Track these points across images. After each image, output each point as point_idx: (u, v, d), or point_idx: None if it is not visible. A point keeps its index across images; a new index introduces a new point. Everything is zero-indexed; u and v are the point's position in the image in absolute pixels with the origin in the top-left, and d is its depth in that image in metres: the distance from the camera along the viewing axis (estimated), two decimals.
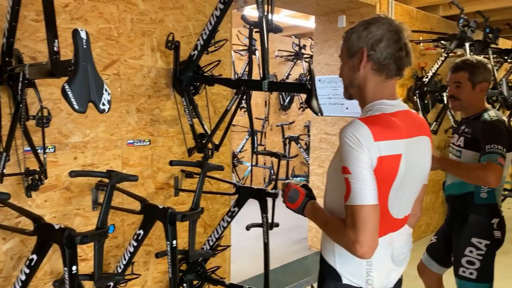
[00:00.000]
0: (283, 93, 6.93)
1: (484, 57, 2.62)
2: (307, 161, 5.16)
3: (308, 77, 1.89)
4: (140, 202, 1.89)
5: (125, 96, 2.21)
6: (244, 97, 2.13)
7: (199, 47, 2.21)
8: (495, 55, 4.82)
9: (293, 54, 6.68)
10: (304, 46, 6.60)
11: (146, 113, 2.30)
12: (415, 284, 3.57)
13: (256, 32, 2.23)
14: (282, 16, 5.27)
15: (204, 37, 2.19)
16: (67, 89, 1.13)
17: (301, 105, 7.10)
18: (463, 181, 2.05)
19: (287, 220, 5.24)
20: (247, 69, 6.10)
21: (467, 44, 3.86)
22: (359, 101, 1.36)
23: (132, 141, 2.26)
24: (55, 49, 1.31)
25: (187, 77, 2.27)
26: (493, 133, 1.96)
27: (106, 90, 1.20)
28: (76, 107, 1.13)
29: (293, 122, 6.50)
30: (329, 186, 1.40)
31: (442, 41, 3.99)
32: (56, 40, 1.32)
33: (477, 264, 2.06)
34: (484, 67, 2.10)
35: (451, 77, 2.19)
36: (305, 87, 1.92)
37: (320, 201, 1.46)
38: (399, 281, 1.43)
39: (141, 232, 1.89)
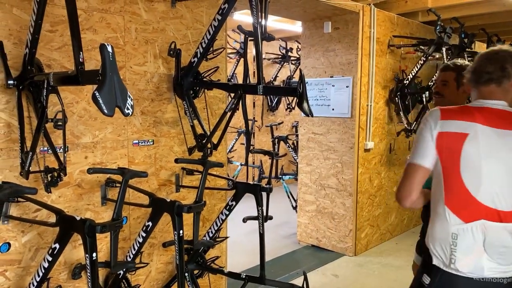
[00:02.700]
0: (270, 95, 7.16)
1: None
2: (295, 160, 5.39)
3: (299, 81, 2.09)
4: (148, 196, 2.07)
5: None
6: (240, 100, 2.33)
7: (198, 55, 2.40)
8: (470, 58, 5.13)
9: (280, 56, 6.91)
10: (291, 49, 6.83)
11: (149, 115, 2.49)
12: (398, 273, 3.82)
13: (250, 40, 2.44)
14: (269, 21, 5.48)
15: (204, 45, 2.38)
16: (97, 96, 1.31)
17: (288, 106, 7.34)
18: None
19: (276, 216, 5.45)
20: (236, 71, 6.31)
21: (444, 49, 4.14)
22: None
23: (137, 141, 2.43)
24: (81, 60, 1.49)
25: (188, 82, 2.46)
26: None
27: (129, 97, 1.39)
28: (106, 111, 1.31)
29: (281, 123, 6.73)
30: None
31: (420, 46, 4.26)
32: (81, 52, 1.50)
33: None
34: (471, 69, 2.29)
35: (440, 75, 2.31)
36: (297, 91, 2.13)
37: (308, 198, 1.74)
38: None
39: (150, 223, 2.07)
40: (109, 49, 1.36)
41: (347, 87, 4.11)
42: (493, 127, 1.48)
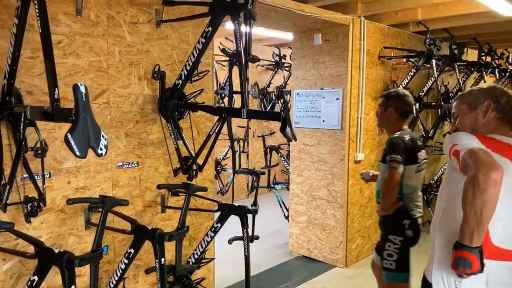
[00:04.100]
0: (264, 101, 7.16)
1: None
2: (287, 170, 5.39)
3: (282, 106, 2.09)
4: (130, 223, 2.07)
5: (114, 123, 2.38)
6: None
7: (183, 77, 2.40)
8: (462, 67, 5.14)
9: (273, 63, 6.90)
10: (284, 56, 6.83)
11: (134, 137, 2.48)
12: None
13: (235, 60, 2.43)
14: (261, 29, 5.47)
15: (188, 67, 2.38)
16: (69, 138, 1.31)
17: None
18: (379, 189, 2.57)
19: (268, 225, 5.49)
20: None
21: (433, 61, 4.14)
22: None
23: (121, 164, 2.43)
24: (56, 96, 1.48)
25: (173, 104, 2.45)
26: (391, 146, 2.47)
27: (103, 136, 1.39)
28: (78, 153, 1.31)
29: (274, 133, 6.74)
30: (444, 203, 1.58)
31: (410, 59, 4.26)
32: (56, 89, 1.49)
33: (394, 257, 2.51)
34: (397, 97, 2.62)
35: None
36: (280, 116, 2.12)
37: (299, 209, 1.68)
38: None
39: (132, 250, 2.07)
40: (82, 89, 1.36)
41: (337, 99, 4.11)
42: None
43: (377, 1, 3.87)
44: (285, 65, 6.89)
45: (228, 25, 4.56)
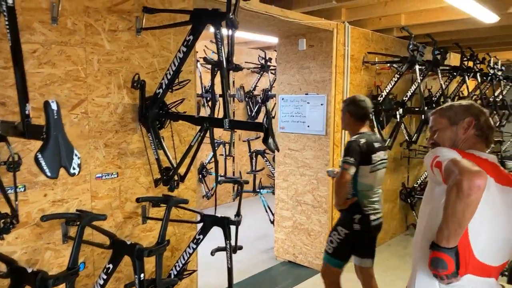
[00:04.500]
0: (250, 104, 7.13)
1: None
2: (273, 174, 5.37)
3: (265, 116, 2.06)
4: (109, 238, 2.02)
5: (93, 133, 2.32)
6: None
7: (164, 86, 2.35)
8: (445, 72, 5.20)
9: (259, 66, 6.87)
10: (270, 59, 6.80)
11: (113, 148, 2.42)
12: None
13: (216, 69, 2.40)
14: (246, 32, 5.44)
15: (169, 76, 2.33)
16: (39, 158, 1.25)
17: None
18: None
19: (254, 229, 5.47)
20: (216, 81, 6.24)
21: (417, 66, 4.17)
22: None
23: (100, 175, 2.37)
24: (27, 112, 1.43)
25: (153, 114, 2.40)
26: (346, 149, 2.73)
27: (76, 155, 1.34)
28: (49, 174, 1.26)
29: (259, 137, 6.70)
30: (426, 215, 1.57)
31: (394, 65, 4.28)
32: (27, 104, 1.44)
33: (334, 244, 2.83)
34: (353, 102, 2.85)
35: None
36: (263, 126, 2.10)
37: (284, 214, 1.64)
38: None
39: (111, 266, 2.02)
40: (54, 106, 1.31)
41: (321, 104, 4.10)
42: (497, 183, 1.47)
43: (361, 7, 3.87)
44: (271, 68, 6.87)
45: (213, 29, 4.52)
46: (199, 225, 2.53)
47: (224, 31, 2.16)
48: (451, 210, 1.31)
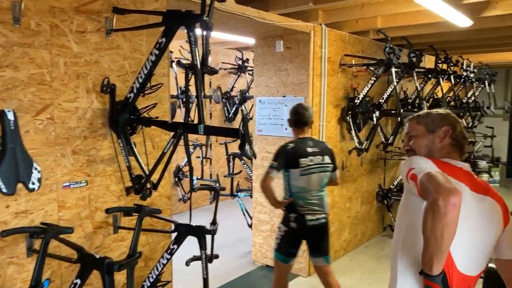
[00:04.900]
0: (227, 105, 7.05)
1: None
2: (250, 177, 5.31)
3: (241, 122, 2.00)
4: (76, 251, 1.91)
5: (60, 140, 2.20)
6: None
7: (135, 90, 2.25)
8: (420, 74, 5.25)
9: (236, 67, 6.80)
10: (247, 59, 6.74)
11: (82, 155, 2.31)
12: None
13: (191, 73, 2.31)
14: (223, 33, 5.36)
15: (140, 80, 2.23)
16: None
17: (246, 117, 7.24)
18: None
19: (231, 233, 5.39)
20: (190, 83, 6.13)
21: (393, 69, 4.19)
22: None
23: (68, 184, 2.25)
24: None
25: (124, 119, 2.30)
26: (274, 154, 2.96)
27: (35, 169, 1.24)
28: (5, 190, 1.16)
29: (235, 140, 6.62)
30: (404, 229, 1.53)
31: (370, 67, 4.29)
32: None
33: (278, 240, 3.04)
34: (294, 112, 3.03)
35: None
36: (239, 133, 2.03)
37: (262, 218, 1.56)
38: None
39: (78, 281, 1.91)
40: (10, 116, 1.21)
41: None
42: (473, 191, 1.46)
43: (338, 9, 3.86)
44: (248, 69, 6.81)
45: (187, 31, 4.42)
46: (174, 234, 2.44)
47: (200, 32, 2.08)
48: (430, 233, 1.27)
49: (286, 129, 4.18)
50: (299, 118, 3.00)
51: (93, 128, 2.35)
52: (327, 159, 3.02)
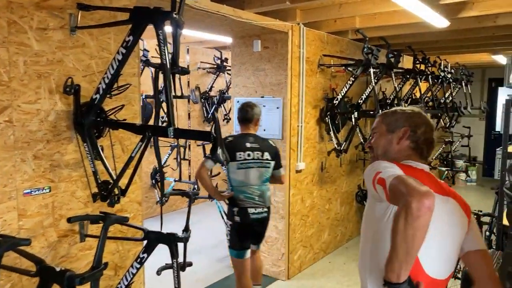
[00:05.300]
0: (206, 105, 6.93)
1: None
2: None
3: (213, 125, 1.90)
4: (35, 264, 1.78)
5: (19, 144, 2.06)
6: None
7: (101, 91, 2.13)
8: (399, 74, 5.26)
9: (215, 66, 6.69)
10: (226, 59, 6.63)
11: (45, 159, 2.17)
12: None
13: (161, 73, 2.21)
14: (200, 32, 5.24)
15: (107, 80, 2.12)
16: None
17: (225, 117, 7.15)
18: None
19: (209, 236, 5.28)
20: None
21: (371, 69, 4.16)
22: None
23: (29, 190, 2.11)
24: None
25: (89, 121, 2.18)
26: None
27: None
28: None
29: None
30: (370, 238, 1.46)
31: (349, 68, 4.25)
32: None
33: (228, 236, 3.15)
34: (240, 109, 3.19)
35: None
36: (211, 136, 1.94)
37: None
38: None
39: None
40: None
41: (277, 108, 4.00)
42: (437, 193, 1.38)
43: (316, 8, 3.80)
44: (227, 68, 6.71)
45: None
46: (145, 242, 2.33)
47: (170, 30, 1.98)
48: (400, 237, 1.19)
49: (264, 130, 4.11)
50: (244, 115, 3.16)
51: (57, 131, 2.22)
52: (267, 155, 3.14)
